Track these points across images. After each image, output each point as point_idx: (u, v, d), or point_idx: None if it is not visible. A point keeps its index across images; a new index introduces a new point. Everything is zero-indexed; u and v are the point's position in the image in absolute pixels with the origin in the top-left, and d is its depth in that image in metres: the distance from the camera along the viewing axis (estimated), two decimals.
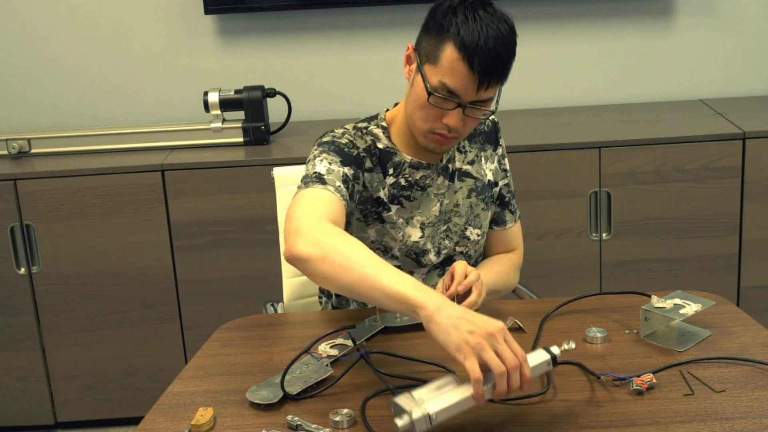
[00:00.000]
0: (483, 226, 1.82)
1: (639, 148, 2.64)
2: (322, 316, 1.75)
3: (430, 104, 1.59)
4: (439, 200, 1.76)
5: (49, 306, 2.73)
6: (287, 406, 1.34)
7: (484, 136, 1.83)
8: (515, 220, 1.90)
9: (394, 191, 1.72)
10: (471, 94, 1.57)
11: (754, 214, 2.69)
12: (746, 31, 3.06)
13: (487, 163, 1.83)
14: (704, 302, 1.52)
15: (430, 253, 1.76)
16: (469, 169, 1.80)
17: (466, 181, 1.79)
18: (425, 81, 1.58)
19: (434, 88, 1.57)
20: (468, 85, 1.56)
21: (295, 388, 1.36)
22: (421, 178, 1.73)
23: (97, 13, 2.99)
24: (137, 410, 2.75)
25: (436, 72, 1.57)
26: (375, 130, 1.74)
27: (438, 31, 1.57)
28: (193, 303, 2.73)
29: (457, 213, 1.78)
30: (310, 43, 3.03)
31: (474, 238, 1.80)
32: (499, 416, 1.29)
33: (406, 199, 1.73)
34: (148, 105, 3.06)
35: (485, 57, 1.53)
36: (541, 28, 3.03)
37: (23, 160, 2.78)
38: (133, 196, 2.66)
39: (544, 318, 1.59)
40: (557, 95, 3.09)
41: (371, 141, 1.72)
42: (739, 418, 1.25)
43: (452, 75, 1.56)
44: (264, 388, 1.37)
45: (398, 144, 1.73)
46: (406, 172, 1.72)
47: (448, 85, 1.56)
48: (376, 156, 1.71)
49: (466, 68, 1.54)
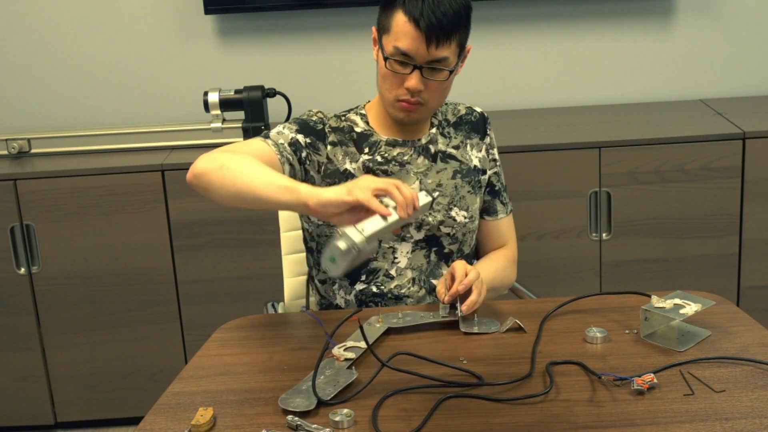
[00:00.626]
0: (470, 209, 1.82)
1: (639, 148, 2.64)
2: (322, 316, 1.75)
3: (389, 71, 1.68)
4: (419, 178, 1.78)
5: (49, 306, 2.73)
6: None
7: (470, 125, 1.87)
8: (507, 213, 1.90)
9: (370, 164, 1.76)
10: (423, 53, 1.65)
11: (754, 214, 2.69)
12: (746, 31, 3.06)
13: (473, 150, 1.85)
14: (704, 302, 1.52)
15: (410, 226, 1.77)
16: (453, 152, 1.83)
17: (451, 162, 1.82)
18: (382, 50, 1.69)
19: (389, 53, 1.67)
20: (418, 45, 1.64)
21: (327, 394, 1.34)
22: (398, 154, 1.77)
23: (97, 13, 2.99)
24: (137, 410, 2.75)
25: (390, 39, 1.67)
26: (353, 117, 1.82)
27: (389, 3, 1.68)
28: (193, 303, 2.73)
29: (441, 193, 1.79)
30: (310, 43, 3.03)
31: (460, 219, 1.80)
32: (500, 416, 1.29)
33: (384, 173, 1.76)
34: (148, 105, 3.06)
35: (430, 14, 1.63)
36: (541, 28, 3.03)
37: (23, 160, 2.78)
38: (133, 196, 2.65)
39: (544, 318, 1.59)
40: (557, 95, 3.09)
41: (348, 126, 1.79)
42: (739, 418, 1.25)
43: (403, 38, 1.65)
44: (296, 395, 1.34)
45: (375, 127, 1.80)
46: (382, 149, 1.77)
47: (400, 47, 1.65)
48: (350, 138, 1.77)
49: (414, 28, 1.63)
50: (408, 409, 1.31)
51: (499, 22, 3.02)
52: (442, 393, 1.34)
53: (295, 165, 1.69)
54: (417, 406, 1.32)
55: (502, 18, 3.01)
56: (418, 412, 1.29)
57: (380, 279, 1.76)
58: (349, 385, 1.37)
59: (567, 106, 3.09)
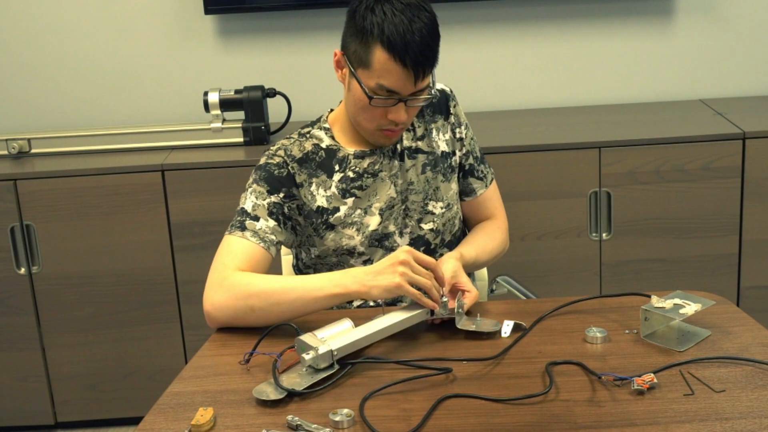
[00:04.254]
0: (446, 198, 1.81)
1: (639, 148, 2.64)
2: (321, 316, 1.74)
3: (372, 106, 1.64)
4: (392, 182, 1.76)
5: (49, 306, 2.73)
6: (287, 405, 1.34)
7: (432, 107, 1.82)
8: (486, 186, 1.88)
9: (344, 185, 1.74)
10: (410, 88, 1.62)
11: (754, 214, 2.69)
12: (746, 31, 3.06)
13: (439, 134, 1.82)
14: (704, 302, 1.52)
15: (394, 235, 1.76)
16: (419, 145, 1.80)
17: (418, 157, 1.79)
18: (362, 86, 1.62)
19: (373, 90, 1.62)
20: (405, 82, 1.61)
21: (296, 384, 1.37)
22: (369, 165, 1.75)
23: (97, 13, 2.99)
24: (137, 410, 2.74)
25: (371, 75, 1.61)
26: (317, 133, 1.77)
27: (362, 34, 1.61)
28: (193, 303, 2.73)
29: (412, 191, 1.78)
30: (310, 43, 3.03)
31: (438, 211, 1.79)
32: (500, 416, 1.29)
33: (359, 189, 1.74)
34: (148, 105, 3.06)
35: (415, 51, 1.58)
36: (541, 28, 3.03)
37: (23, 160, 2.78)
38: (133, 196, 2.66)
39: (539, 319, 1.59)
40: (557, 95, 3.09)
41: (314, 145, 1.75)
42: (739, 418, 1.25)
43: (387, 75, 1.60)
44: (268, 386, 1.38)
45: (341, 141, 1.77)
46: (351, 164, 1.75)
47: (386, 85, 1.61)
48: (318, 157, 1.74)
49: (399, 66, 1.59)
50: (408, 409, 1.31)
51: (499, 22, 3.02)
52: (438, 391, 1.35)
53: (281, 239, 1.69)
54: (417, 406, 1.32)
55: (502, 18, 3.01)
56: (418, 412, 1.29)
57: None
58: (327, 378, 1.39)
59: (567, 106, 3.09)
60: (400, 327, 1.53)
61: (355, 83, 1.64)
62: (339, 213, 1.73)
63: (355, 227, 1.74)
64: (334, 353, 1.40)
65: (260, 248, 1.66)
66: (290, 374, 1.41)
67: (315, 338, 1.42)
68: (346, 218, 1.73)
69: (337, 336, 1.45)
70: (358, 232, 1.74)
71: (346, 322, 1.49)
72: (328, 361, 1.40)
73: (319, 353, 1.39)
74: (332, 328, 1.47)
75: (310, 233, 1.75)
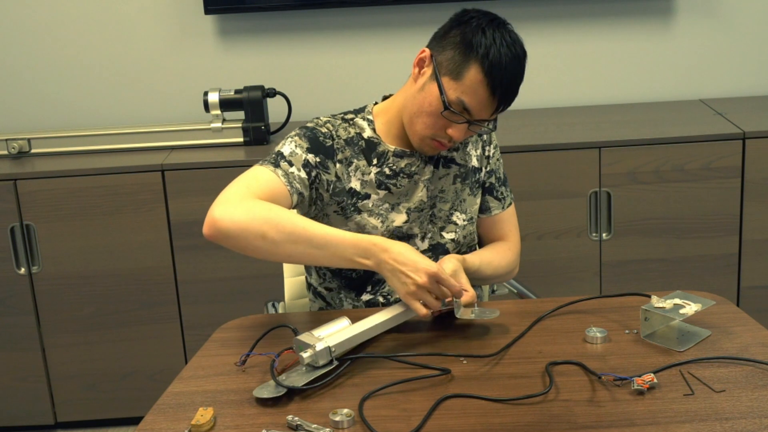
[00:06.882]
0: (470, 211, 1.82)
1: (639, 148, 2.64)
2: (322, 316, 1.75)
3: (441, 116, 1.63)
4: (426, 186, 1.77)
5: (49, 306, 2.73)
6: (287, 406, 1.34)
7: None
8: (503, 208, 1.88)
9: (381, 178, 1.74)
10: (484, 115, 1.64)
11: (754, 214, 2.69)
12: (746, 31, 3.06)
13: (473, 149, 1.83)
14: (704, 302, 1.52)
15: (416, 238, 1.77)
16: (453, 156, 1.80)
17: (452, 167, 1.80)
18: (443, 94, 1.61)
19: (451, 102, 1.62)
20: (486, 107, 1.62)
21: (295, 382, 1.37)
22: (406, 166, 1.75)
23: (97, 13, 2.99)
24: (137, 410, 2.75)
25: (456, 88, 1.61)
26: (360, 122, 1.76)
27: (465, 48, 1.60)
28: (193, 303, 2.73)
29: (442, 199, 1.78)
30: (310, 43, 3.03)
31: (461, 223, 1.80)
32: (500, 416, 1.29)
33: (394, 186, 1.74)
34: (148, 105, 3.06)
35: (507, 83, 1.61)
36: (541, 28, 3.03)
37: (23, 160, 2.78)
38: (133, 196, 2.66)
39: (539, 319, 1.59)
40: (557, 95, 3.09)
41: (356, 132, 1.75)
42: (739, 418, 1.25)
43: (473, 95, 1.60)
44: (268, 385, 1.38)
45: (382, 135, 1.76)
46: (390, 161, 1.74)
47: (466, 103, 1.61)
48: (359, 146, 1.73)
49: (488, 92, 1.60)
50: (408, 408, 1.31)
51: None
52: (437, 391, 1.35)
53: (304, 192, 1.67)
54: (417, 406, 1.32)
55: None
56: (418, 412, 1.30)
57: (386, 289, 1.76)
58: (326, 374, 1.39)
59: (567, 106, 3.10)
60: (398, 321, 1.54)
61: (433, 87, 1.63)
62: (368, 200, 1.73)
63: (380, 219, 1.74)
64: (332, 350, 1.41)
65: (286, 189, 1.63)
66: (290, 373, 1.41)
67: (313, 337, 1.43)
68: (374, 208, 1.73)
69: (335, 334, 1.45)
70: (382, 224, 1.74)
71: (344, 321, 1.50)
72: (327, 358, 1.41)
73: (317, 350, 1.40)
74: (330, 327, 1.47)
75: (329, 212, 1.73)
